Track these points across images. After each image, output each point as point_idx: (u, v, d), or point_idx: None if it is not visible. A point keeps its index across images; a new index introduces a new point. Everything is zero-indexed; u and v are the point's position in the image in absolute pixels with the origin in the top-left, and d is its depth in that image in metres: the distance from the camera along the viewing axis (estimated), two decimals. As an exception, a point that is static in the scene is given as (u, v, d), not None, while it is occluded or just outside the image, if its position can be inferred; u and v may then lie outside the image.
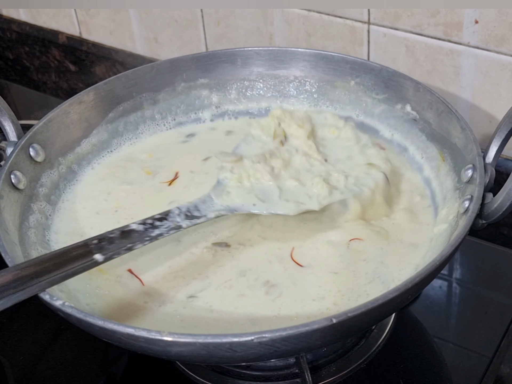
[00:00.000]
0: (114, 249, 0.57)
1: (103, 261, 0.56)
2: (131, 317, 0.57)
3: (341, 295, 0.58)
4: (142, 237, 0.59)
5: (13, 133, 0.67)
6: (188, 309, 0.58)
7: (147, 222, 0.60)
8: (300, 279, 0.60)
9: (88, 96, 0.74)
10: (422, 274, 0.50)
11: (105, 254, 0.56)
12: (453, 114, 0.66)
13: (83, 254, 0.55)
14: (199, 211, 0.63)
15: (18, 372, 0.68)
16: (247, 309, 0.57)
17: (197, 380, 0.65)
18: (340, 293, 0.58)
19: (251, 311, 0.57)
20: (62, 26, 1.14)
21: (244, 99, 0.81)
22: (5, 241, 0.56)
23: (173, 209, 0.62)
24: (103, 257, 0.56)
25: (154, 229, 0.60)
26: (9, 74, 1.27)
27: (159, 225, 0.60)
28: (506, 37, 0.73)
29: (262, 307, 0.57)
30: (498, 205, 0.56)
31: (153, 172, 0.73)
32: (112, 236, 0.57)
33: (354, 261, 0.61)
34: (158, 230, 0.60)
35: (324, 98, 0.79)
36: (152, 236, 0.59)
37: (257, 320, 0.56)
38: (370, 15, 0.81)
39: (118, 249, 0.57)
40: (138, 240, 0.58)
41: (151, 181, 0.72)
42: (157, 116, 0.79)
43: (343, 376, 0.64)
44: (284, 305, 0.57)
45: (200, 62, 0.79)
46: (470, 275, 0.76)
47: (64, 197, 0.70)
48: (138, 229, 0.59)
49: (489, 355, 0.66)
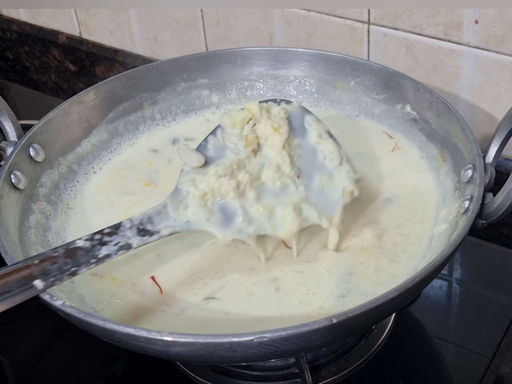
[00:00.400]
0: (57, 273, 0.52)
1: (43, 290, 0.51)
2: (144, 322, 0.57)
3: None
4: (88, 257, 0.54)
5: (13, 133, 0.67)
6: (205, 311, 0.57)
7: (95, 238, 0.55)
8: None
9: (88, 96, 0.74)
10: (422, 274, 0.50)
11: (45, 280, 0.51)
12: (453, 114, 0.66)
13: (23, 279, 0.50)
14: (153, 224, 0.59)
15: (18, 372, 0.69)
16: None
17: (197, 380, 0.65)
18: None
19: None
20: (62, 26, 1.14)
21: (244, 99, 0.81)
22: (5, 241, 0.56)
23: (124, 221, 0.58)
24: (43, 283, 0.51)
25: (101, 247, 0.55)
26: (9, 74, 1.27)
27: (107, 241, 0.56)
28: (506, 37, 0.73)
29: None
30: (498, 205, 0.56)
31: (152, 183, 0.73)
32: (55, 255, 0.53)
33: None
34: (106, 249, 0.55)
35: (324, 98, 0.79)
36: (99, 257, 0.54)
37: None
38: (370, 15, 0.81)
39: (61, 274, 0.52)
40: (84, 261, 0.54)
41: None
42: (157, 116, 0.79)
43: (343, 376, 0.64)
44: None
45: (200, 62, 0.79)
46: (470, 275, 0.76)
47: (65, 197, 0.70)
48: (85, 246, 0.54)
49: (489, 355, 0.66)
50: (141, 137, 0.78)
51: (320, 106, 0.79)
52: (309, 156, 0.64)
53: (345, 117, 0.78)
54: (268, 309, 0.57)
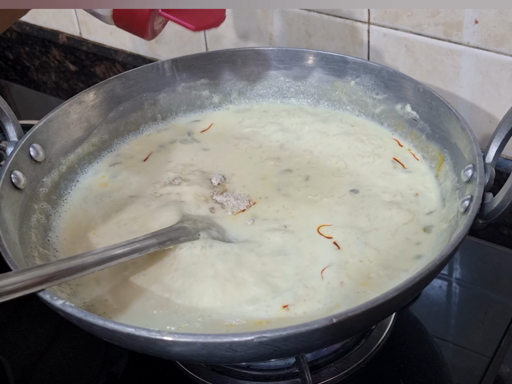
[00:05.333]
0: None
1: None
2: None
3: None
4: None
5: (13, 133, 0.67)
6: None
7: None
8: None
9: (88, 96, 0.74)
10: (422, 274, 0.50)
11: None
12: (453, 114, 0.66)
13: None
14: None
15: (18, 372, 0.69)
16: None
17: (197, 380, 0.65)
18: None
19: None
20: (62, 26, 1.14)
21: (244, 99, 0.81)
22: (5, 241, 0.56)
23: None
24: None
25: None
26: (9, 74, 1.27)
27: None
28: (506, 37, 0.73)
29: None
30: (498, 205, 0.57)
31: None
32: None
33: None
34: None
35: (324, 98, 0.79)
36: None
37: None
38: (370, 15, 0.81)
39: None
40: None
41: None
42: (158, 116, 0.79)
43: (343, 376, 0.64)
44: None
45: (200, 62, 0.79)
46: (470, 275, 0.76)
47: (65, 197, 0.70)
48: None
49: (489, 355, 0.66)
50: (141, 137, 0.78)
51: (320, 106, 0.80)
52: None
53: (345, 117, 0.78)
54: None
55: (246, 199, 0.68)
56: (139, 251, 0.57)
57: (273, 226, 0.64)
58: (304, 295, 0.57)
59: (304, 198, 0.67)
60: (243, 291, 0.58)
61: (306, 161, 0.72)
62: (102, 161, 0.75)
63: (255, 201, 0.68)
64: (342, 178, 0.70)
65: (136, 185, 0.71)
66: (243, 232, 0.64)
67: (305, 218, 0.65)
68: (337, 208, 0.66)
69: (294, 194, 0.68)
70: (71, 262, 0.53)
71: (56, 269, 0.52)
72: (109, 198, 0.70)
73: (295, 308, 0.56)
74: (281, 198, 0.68)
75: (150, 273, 0.60)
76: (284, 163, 0.72)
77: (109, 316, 0.57)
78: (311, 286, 0.58)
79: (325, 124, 0.77)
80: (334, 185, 0.69)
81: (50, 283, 0.51)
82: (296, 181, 0.70)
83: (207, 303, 0.57)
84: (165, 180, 0.71)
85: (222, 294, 0.58)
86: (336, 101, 0.79)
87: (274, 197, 0.68)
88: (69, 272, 0.53)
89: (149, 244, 0.58)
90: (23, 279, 0.50)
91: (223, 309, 0.57)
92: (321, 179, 0.70)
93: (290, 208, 0.66)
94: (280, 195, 0.68)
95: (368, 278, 0.58)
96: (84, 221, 0.67)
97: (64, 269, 0.52)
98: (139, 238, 0.58)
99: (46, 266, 0.52)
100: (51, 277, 0.51)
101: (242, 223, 0.65)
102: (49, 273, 0.51)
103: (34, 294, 0.51)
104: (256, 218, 0.65)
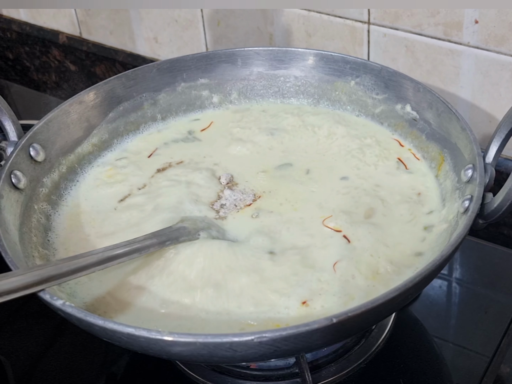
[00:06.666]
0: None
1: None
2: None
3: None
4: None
5: (13, 133, 0.67)
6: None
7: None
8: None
9: (88, 96, 0.74)
10: (422, 274, 0.50)
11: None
12: (453, 114, 0.66)
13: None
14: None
15: (18, 372, 0.69)
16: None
17: (197, 380, 0.65)
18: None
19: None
20: (62, 26, 1.14)
21: (244, 99, 0.81)
22: (5, 241, 0.56)
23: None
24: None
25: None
26: (9, 74, 1.27)
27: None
28: (506, 37, 0.73)
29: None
30: (498, 205, 0.57)
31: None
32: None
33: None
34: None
35: (324, 98, 0.79)
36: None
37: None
38: (370, 15, 0.81)
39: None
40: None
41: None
42: (157, 116, 0.79)
43: (343, 376, 0.64)
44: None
45: (200, 62, 0.79)
46: (470, 275, 0.76)
47: (65, 197, 0.70)
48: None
49: (489, 355, 0.66)
50: (141, 137, 0.78)
51: (320, 106, 0.80)
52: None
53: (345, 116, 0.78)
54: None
55: (251, 193, 0.68)
56: (139, 251, 0.57)
57: (279, 219, 0.65)
58: (318, 289, 0.57)
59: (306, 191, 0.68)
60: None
61: (307, 157, 0.73)
62: (102, 161, 0.75)
63: (260, 195, 0.68)
64: (343, 175, 0.70)
65: (136, 184, 0.71)
66: (249, 226, 0.64)
67: (309, 211, 0.65)
68: (339, 202, 0.66)
69: (297, 189, 0.68)
70: (71, 262, 0.53)
71: (56, 269, 0.52)
72: (109, 198, 0.70)
73: (313, 303, 0.56)
74: (284, 190, 0.68)
75: (150, 273, 0.60)
76: (286, 158, 0.73)
77: (109, 316, 0.57)
78: (324, 279, 0.58)
79: (325, 124, 0.77)
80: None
81: (50, 283, 0.51)
82: (297, 174, 0.70)
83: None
84: (168, 180, 0.71)
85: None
86: (336, 101, 0.79)
87: (278, 190, 0.69)
88: (69, 272, 0.53)
89: (149, 244, 0.58)
90: (23, 279, 0.50)
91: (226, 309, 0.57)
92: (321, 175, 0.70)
93: (293, 201, 0.67)
94: (282, 187, 0.69)
95: (377, 274, 0.59)
96: (84, 221, 0.67)
97: (64, 269, 0.52)
98: (139, 238, 0.59)
99: (46, 266, 0.52)
100: (51, 277, 0.51)
101: (248, 216, 0.66)
102: (49, 273, 0.51)
103: (34, 294, 0.51)
104: (261, 211, 0.66)
